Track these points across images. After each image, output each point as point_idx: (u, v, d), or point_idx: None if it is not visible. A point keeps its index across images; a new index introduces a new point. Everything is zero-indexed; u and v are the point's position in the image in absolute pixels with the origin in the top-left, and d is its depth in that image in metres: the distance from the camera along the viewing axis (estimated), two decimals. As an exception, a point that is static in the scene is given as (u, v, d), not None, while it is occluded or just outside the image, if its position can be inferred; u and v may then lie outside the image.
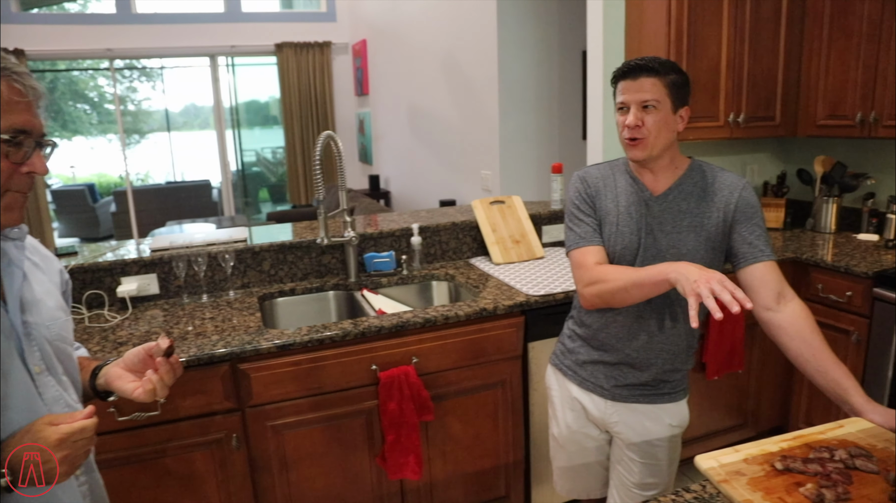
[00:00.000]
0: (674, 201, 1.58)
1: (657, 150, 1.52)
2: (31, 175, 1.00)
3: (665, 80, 1.49)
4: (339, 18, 7.71)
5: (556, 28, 3.91)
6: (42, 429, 0.95)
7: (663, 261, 1.56)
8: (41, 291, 1.11)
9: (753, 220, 1.55)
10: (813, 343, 1.44)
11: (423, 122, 5.44)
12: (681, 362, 1.66)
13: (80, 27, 7.10)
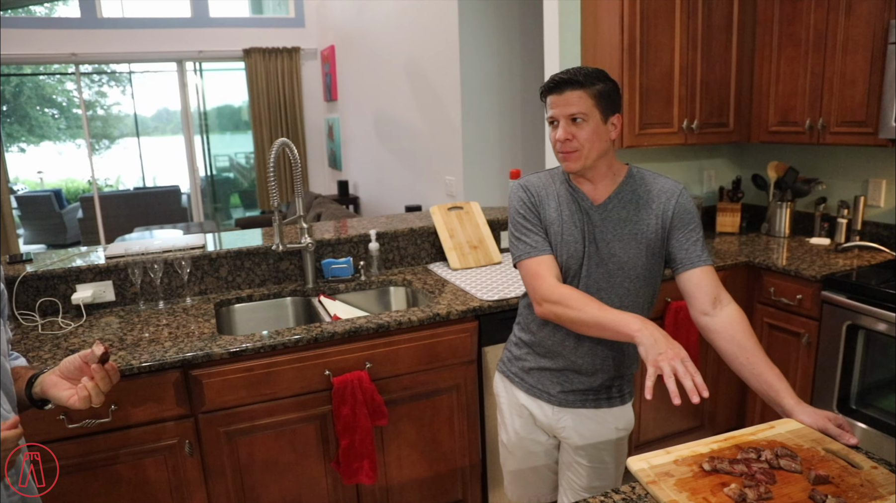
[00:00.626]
0: (613, 210, 1.60)
1: (591, 160, 1.54)
2: None
3: (591, 91, 1.51)
4: (308, 24, 7.70)
5: (517, 35, 3.96)
6: None
7: (606, 269, 1.59)
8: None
9: (690, 225, 1.58)
10: (746, 346, 1.47)
11: (390, 128, 5.46)
12: (626, 367, 1.69)
13: (46, 31, 7.00)
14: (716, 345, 1.53)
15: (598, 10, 2.81)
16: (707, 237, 3.10)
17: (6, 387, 1.16)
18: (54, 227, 8.91)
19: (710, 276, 1.56)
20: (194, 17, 7.42)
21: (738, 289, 2.72)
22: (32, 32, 6.93)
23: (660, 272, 1.65)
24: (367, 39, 5.76)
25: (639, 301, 1.64)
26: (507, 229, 1.76)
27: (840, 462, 1.20)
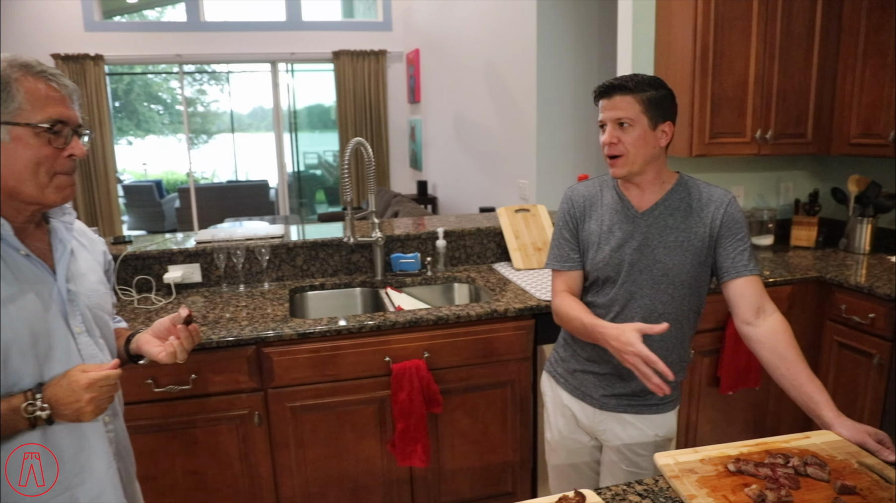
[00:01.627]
0: (660, 216, 1.64)
1: (637, 166, 1.58)
2: (73, 157, 1.18)
3: (639, 98, 1.54)
4: (395, 28, 7.93)
5: (594, 41, 3.98)
6: (75, 374, 1.12)
7: (651, 275, 1.62)
8: (85, 267, 1.31)
9: (738, 235, 1.60)
10: (787, 357, 1.49)
11: (468, 131, 5.58)
12: (673, 368, 1.70)
13: (154, 34, 7.54)
14: (758, 354, 1.56)
15: (671, 17, 2.82)
16: (781, 251, 3.07)
17: (109, 341, 1.35)
18: (154, 215, 9.55)
19: (755, 286, 1.58)
20: (288, 20, 7.79)
21: (806, 305, 2.67)
22: (143, 35, 7.48)
23: (706, 281, 1.67)
24: (449, 44, 5.91)
25: (683, 309, 1.66)
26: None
27: (873, 476, 1.21)
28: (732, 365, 2.56)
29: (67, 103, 1.16)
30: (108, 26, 7.47)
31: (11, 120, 1.10)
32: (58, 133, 1.14)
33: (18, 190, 1.14)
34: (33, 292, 1.17)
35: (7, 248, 1.16)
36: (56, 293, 1.21)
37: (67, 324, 1.22)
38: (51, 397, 1.11)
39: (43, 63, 1.16)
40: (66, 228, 1.28)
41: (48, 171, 1.15)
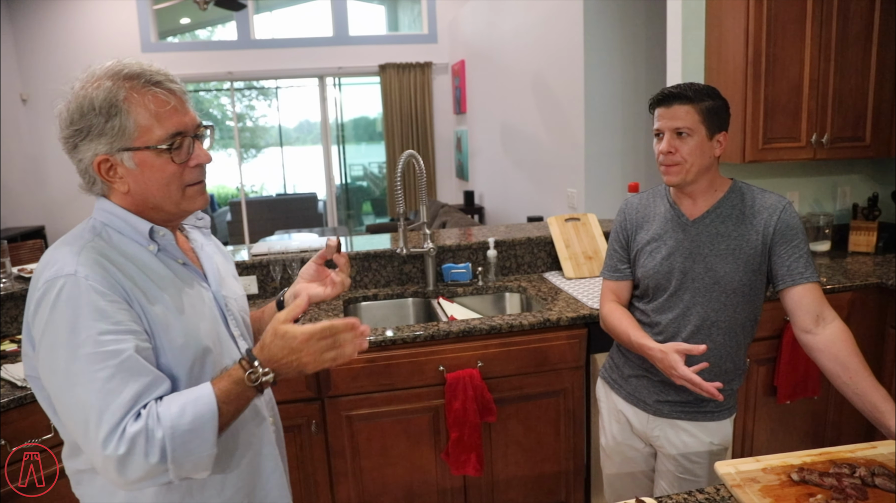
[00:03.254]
0: (711, 224, 1.63)
1: (692, 175, 1.58)
2: (200, 166, 1.14)
3: (699, 107, 1.55)
4: (440, 40, 8.02)
5: (642, 49, 3.96)
6: (289, 330, 1.06)
7: (703, 284, 1.62)
8: (224, 271, 1.32)
9: (793, 241, 1.58)
10: (850, 366, 1.46)
11: (515, 141, 5.59)
12: (725, 381, 1.68)
13: (206, 53, 7.79)
14: (819, 363, 1.54)
15: (723, 22, 2.79)
16: (838, 257, 2.99)
17: (251, 343, 1.34)
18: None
19: (813, 294, 1.55)
20: (335, 35, 7.95)
21: (867, 312, 2.59)
22: (196, 54, 7.73)
23: (761, 289, 1.65)
24: (495, 54, 5.95)
25: (738, 317, 1.65)
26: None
27: (944, 487, 1.18)
28: (790, 374, 2.51)
29: (181, 109, 1.10)
30: (164, 47, 7.75)
31: (130, 145, 1.06)
32: (179, 147, 1.09)
33: (156, 210, 1.13)
34: (199, 300, 1.18)
35: (166, 258, 1.16)
36: (213, 299, 1.22)
37: (228, 330, 1.24)
38: (268, 359, 1.07)
39: (146, 67, 1.08)
40: (203, 234, 1.31)
41: (179, 187, 1.12)
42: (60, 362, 1.00)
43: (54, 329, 1.00)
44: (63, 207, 7.52)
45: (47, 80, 7.27)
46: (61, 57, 7.27)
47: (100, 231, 1.12)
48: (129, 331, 1.02)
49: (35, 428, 1.85)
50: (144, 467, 0.97)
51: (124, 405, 0.98)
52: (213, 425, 1.01)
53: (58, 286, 1.01)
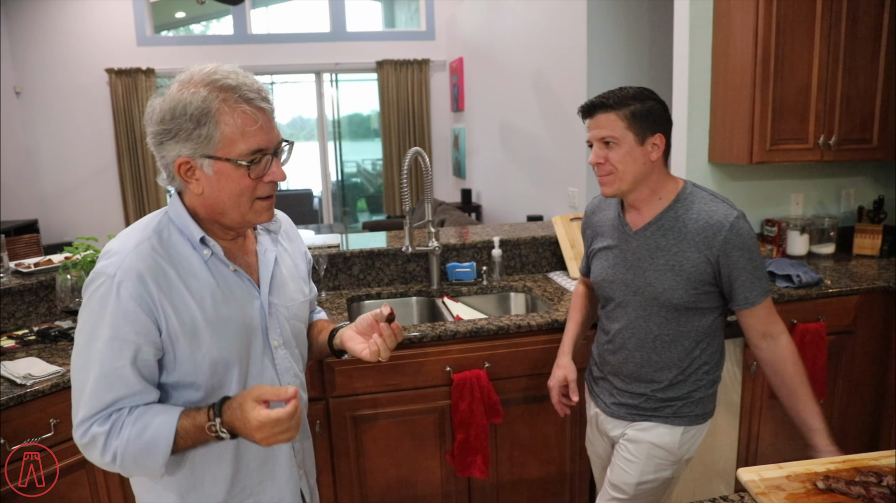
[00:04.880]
0: (651, 237, 1.60)
1: (627, 184, 1.55)
2: (273, 182, 1.19)
3: (622, 114, 1.51)
4: (438, 37, 7.98)
5: (646, 49, 3.94)
6: (248, 410, 1.09)
7: (643, 298, 1.62)
8: (287, 274, 1.34)
9: (739, 263, 1.53)
10: (788, 383, 1.57)
11: (514, 139, 5.57)
12: (678, 392, 1.65)
13: (202, 47, 7.73)
14: (765, 375, 1.62)
15: (731, 22, 2.77)
16: (843, 259, 2.98)
17: (302, 351, 1.40)
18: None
19: (757, 315, 1.58)
20: (333, 31, 7.89)
21: (873, 316, 2.58)
22: (192, 49, 7.67)
23: (713, 304, 1.61)
24: (495, 51, 5.91)
25: (684, 331, 1.62)
26: None
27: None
28: (797, 377, 2.49)
29: (266, 128, 1.15)
30: (159, 41, 7.68)
31: (213, 154, 1.12)
32: (257, 163, 1.14)
33: (222, 216, 1.19)
34: (240, 309, 1.22)
35: (218, 264, 1.21)
36: (259, 308, 1.25)
37: (266, 338, 1.27)
38: (228, 423, 1.12)
39: (242, 81, 1.13)
40: (271, 240, 1.34)
41: (249, 199, 1.16)
42: (80, 341, 1.14)
43: (87, 314, 1.14)
44: (57, 201, 7.44)
45: (41, 72, 7.19)
46: (55, 50, 7.19)
47: (163, 228, 1.19)
48: (134, 344, 1.11)
49: (35, 426, 1.82)
50: (100, 461, 1.14)
51: (101, 405, 1.11)
52: (164, 452, 1.12)
53: (98, 282, 1.13)
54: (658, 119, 1.54)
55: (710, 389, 1.70)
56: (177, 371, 1.17)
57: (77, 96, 7.35)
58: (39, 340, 2.20)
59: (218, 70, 1.13)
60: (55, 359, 2.01)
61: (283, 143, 1.20)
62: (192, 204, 1.20)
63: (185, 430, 1.12)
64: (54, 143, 7.36)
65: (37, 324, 2.37)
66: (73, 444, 1.86)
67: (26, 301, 2.38)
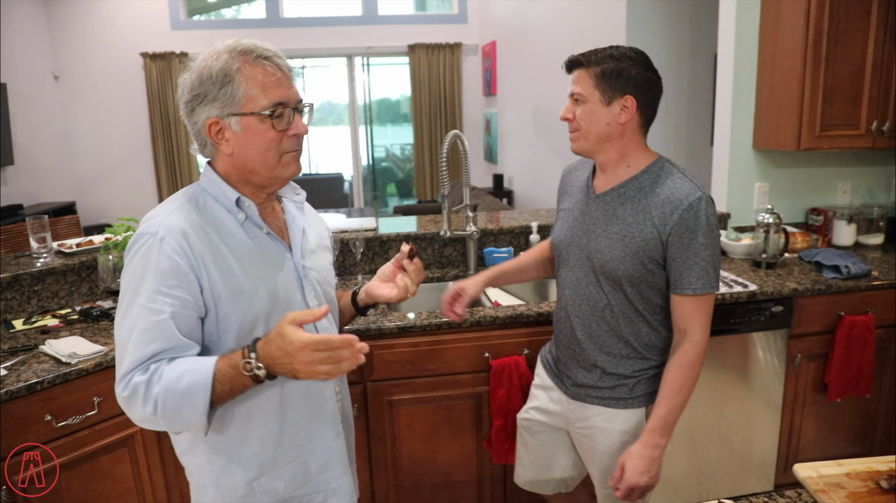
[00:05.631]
0: (610, 203, 1.56)
1: (591, 143, 1.54)
2: (297, 135, 1.24)
3: (592, 72, 1.49)
4: (471, 20, 7.89)
5: (686, 31, 3.85)
6: (289, 333, 1.07)
7: (591, 265, 1.58)
8: (314, 244, 1.40)
9: (689, 246, 1.47)
10: (665, 382, 1.53)
11: (548, 124, 5.49)
12: (625, 368, 1.62)
13: (235, 31, 7.74)
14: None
15: (780, 2, 2.68)
16: (892, 250, 2.87)
17: (335, 317, 1.45)
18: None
19: (685, 307, 1.51)
20: (364, 14, 7.85)
21: (925, 308, 2.50)
22: (225, 32, 7.68)
23: (660, 284, 1.56)
24: (529, 35, 5.83)
25: (634, 305, 1.57)
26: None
27: None
28: (842, 371, 2.42)
29: (285, 83, 1.21)
30: (193, 25, 7.71)
31: (239, 111, 1.18)
32: (280, 116, 1.19)
33: (252, 174, 1.23)
34: (276, 268, 1.26)
35: (252, 227, 1.25)
36: (293, 269, 1.30)
37: (304, 299, 1.30)
38: (266, 355, 1.09)
39: (259, 45, 1.20)
40: (297, 207, 1.38)
41: (276, 153, 1.21)
42: (124, 302, 1.16)
43: (129, 274, 1.17)
44: (92, 183, 7.56)
45: (79, 57, 7.28)
46: (92, 35, 7.27)
47: (197, 196, 1.24)
48: (176, 298, 1.14)
49: (79, 404, 1.84)
50: (142, 413, 1.12)
51: (143, 356, 1.12)
52: (203, 397, 1.10)
53: (142, 241, 1.16)
54: (631, 80, 1.49)
55: (658, 369, 1.65)
56: (218, 331, 1.20)
57: (113, 80, 7.43)
58: (82, 320, 2.23)
59: (237, 40, 1.20)
60: (97, 339, 2.03)
61: (303, 103, 1.25)
62: (223, 168, 1.25)
63: (221, 373, 1.11)
64: (91, 127, 7.47)
65: (79, 304, 2.40)
66: (118, 422, 1.91)
67: (69, 281, 2.41)
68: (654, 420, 1.52)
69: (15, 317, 2.29)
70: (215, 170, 1.26)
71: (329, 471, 1.35)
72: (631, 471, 1.50)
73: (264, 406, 1.25)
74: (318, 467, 1.34)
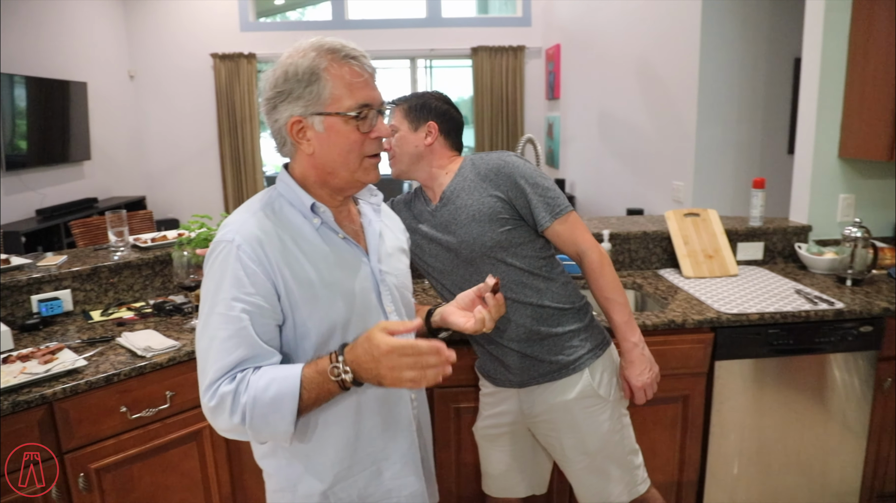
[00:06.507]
0: (451, 203, 1.76)
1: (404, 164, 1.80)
2: (379, 139, 1.23)
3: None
4: (534, 23, 7.82)
5: (765, 33, 3.70)
6: (376, 337, 1.07)
7: (461, 254, 1.74)
8: (391, 247, 1.38)
9: (525, 190, 1.68)
10: (599, 295, 1.74)
11: (614, 129, 5.38)
12: (540, 325, 1.72)
13: (301, 33, 7.83)
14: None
15: (874, 5, 2.53)
16: None
17: (411, 319, 1.41)
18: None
19: (560, 234, 1.70)
20: (428, 17, 7.87)
21: None
22: (292, 34, 7.81)
23: (523, 238, 1.71)
24: (595, 38, 5.73)
25: (517, 271, 1.71)
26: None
27: None
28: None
29: (371, 85, 1.21)
30: (261, 26, 7.88)
31: (323, 110, 1.16)
32: (364, 118, 1.18)
33: (332, 176, 1.22)
34: (353, 273, 1.24)
35: (328, 232, 1.24)
36: (370, 273, 1.28)
37: (381, 304, 1.28)
38: (352, 360, 1.10)
39: (346, 44, 1.19)
40: (374, 210, 1.36)
41: (358, 156, 1.20)
42: (204, 310, 1.16)
43: (208, 282, 1.18)
44: (161, 179, 7.80)
45: (152, 57, 7.53)
46: (166, 36, 7.51)
47: (273, 201, 1.23)
48: (254, 305, 1.13)
49: (152, 397, 1.87)
50: (229, 423, 1.12)
51: (227, 365, 1.12)
52: (291, 405, 1.10)
53: (219, 248, 1.17)
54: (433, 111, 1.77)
55: (580, 321, 1.76)
56: (296, 338, 1.20)
57: (183, 80, 7.65)
58: (155, 313, 2.27)
59: (322, 38, 1.19)
60: (170, 334, 2.07)
61: (384, 107, 1.24)
62: (301, 169, 1.23)
63: (308, 380, 1.11)
64: (161, 125, 7.71)
65: (152, 298, 2.45)
66: (187, 416, 1.93)
67: (143, 275, 2.46)
68: (618, 327, 1.72)
69: (93, 308, 2.35)
70: (292, 171, 1.25)
71: (403, 479, 1.33)
72: (634, 378, 1.74)
73: (341, 414, 1.23)
74: (391, 475, 1.32)
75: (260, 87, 1.24)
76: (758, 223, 2.80)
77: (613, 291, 1.71)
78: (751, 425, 2.26)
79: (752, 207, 2.82)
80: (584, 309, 1.79)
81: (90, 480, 1.77)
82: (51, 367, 1.76)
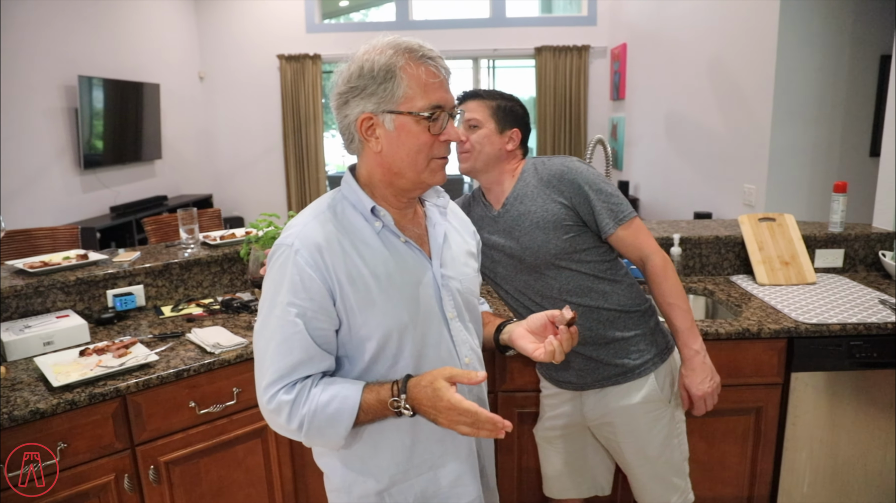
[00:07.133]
0: (513, 208, 1.76)
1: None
2: (448, 142, 1.21)
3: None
4: (600, 22, 7.68)
5: (848, 30, 3.51)
6: (440, 388, 1.11)
7: (525, 261, 1.73)
8: (457, 250, 1.35)
9: (589, 197, 1.65)
10: (661, 301, 1.70)
11: (682, 130, 5.23)
12: (607, 329, 1.69)
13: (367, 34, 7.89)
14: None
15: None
16: None
17: (477, 326, 1.40)
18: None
19: (623, 240, 1.67)
20: (492, 17, 7.84)
21: None
22: (357, 35, 7.91)
23: (587, 244, 1.69)
24: (664, 36, 5.58)
25: (581, 276, 1.70)
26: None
27: None
28: None
29: (445, 87, 1.19)
30: (327, 27, 8.00)
31: (396, 109, 1.15)
32: (436, 119, 1.17)
33: (398, 177, 1.20)
34: (413, 278, 1.23)
35: (389, 236, 1.23)
36: (431, 278, 1.25)
37: (441, 309, 1.26)
38: (413, 399, 1.13)
39: (424, 44, 1.18)
40: (440, 212, 1.33)
41: (426, 157, 1.19)
42: (263, 311, 1.19)
43: (268, 284, 1.19)
44: (228, 178, 8.02)
45: (221, 59, 7.75)
46: (234, 38, 7.72)
47: (336, 203, 1.23)
48: (310, 310, 1.15)
49: (219, 393, 1.91)
50: (285, 428, 1.17)
51: (284, 368, 1.14)
52: (347, 424, 1.14)
53: (279, 252, 1.18)
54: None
55: (646, 325, 1.73)
56: (352, 342, 1.20)
57: (251, 81, 7.84)
58: (223, 310, 2.32)
59: (398, 37, 1.18)
60: (237, 331, 2.11)
61: (455, 110, 1.22)
62: (368, 168, 1.22)
63: (367, 405, 1.14)
64: (229, 125, 7.92)
65: (220, 295, 2.51)
66: (253, 413, 1.95)
67: (212, 272, 2.52)
68: (680, 333, 1.67)
69: (164, 303, 2.42)
70: (358, 171, 1.25)
71: (461, 488, 1.31)
72: (695, 386, 1.68)
73: (398, 420, 1.22)
74: (449, 482, 1.30)
75: (332, 82, 1.21)
76: (838, 229, 2.66)
77: (676, 296, 1.67)
78: (827, 441, 2.15)
79: (832, 212, 2.68)
80: (649, 311, 1.76)
81: (160, 473, 1.81)
82: (125, 361, 1.81)
